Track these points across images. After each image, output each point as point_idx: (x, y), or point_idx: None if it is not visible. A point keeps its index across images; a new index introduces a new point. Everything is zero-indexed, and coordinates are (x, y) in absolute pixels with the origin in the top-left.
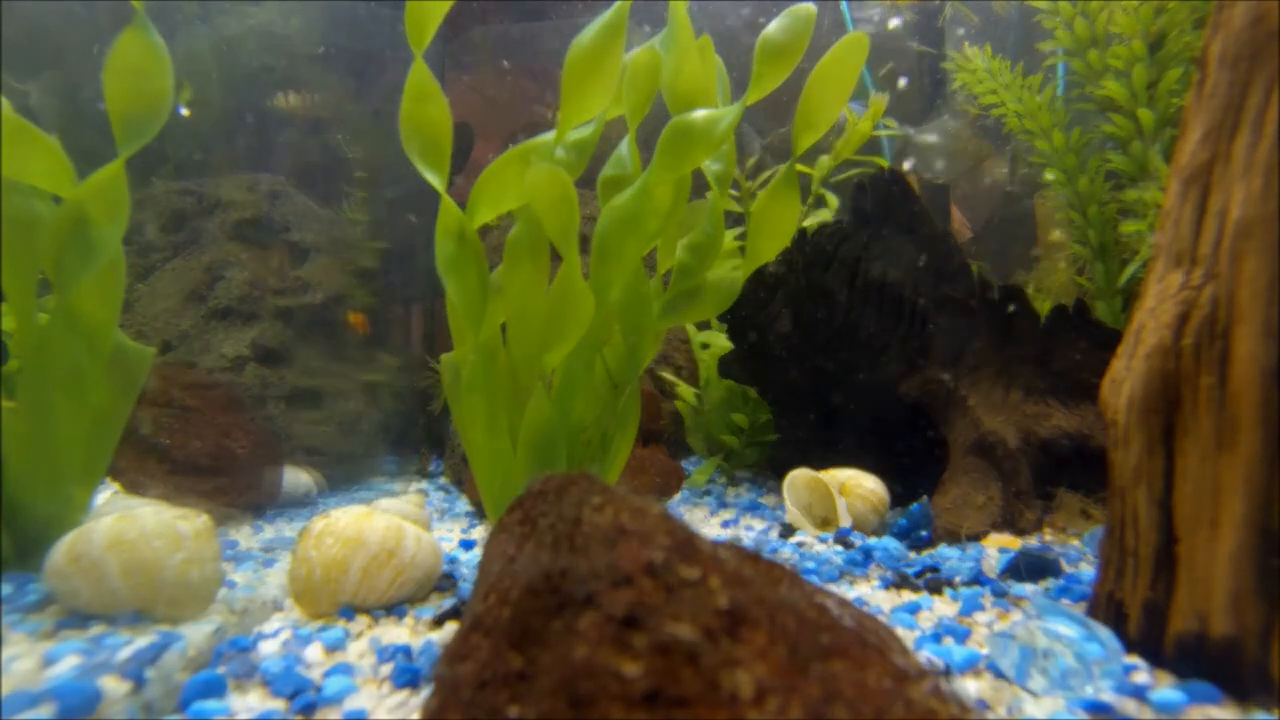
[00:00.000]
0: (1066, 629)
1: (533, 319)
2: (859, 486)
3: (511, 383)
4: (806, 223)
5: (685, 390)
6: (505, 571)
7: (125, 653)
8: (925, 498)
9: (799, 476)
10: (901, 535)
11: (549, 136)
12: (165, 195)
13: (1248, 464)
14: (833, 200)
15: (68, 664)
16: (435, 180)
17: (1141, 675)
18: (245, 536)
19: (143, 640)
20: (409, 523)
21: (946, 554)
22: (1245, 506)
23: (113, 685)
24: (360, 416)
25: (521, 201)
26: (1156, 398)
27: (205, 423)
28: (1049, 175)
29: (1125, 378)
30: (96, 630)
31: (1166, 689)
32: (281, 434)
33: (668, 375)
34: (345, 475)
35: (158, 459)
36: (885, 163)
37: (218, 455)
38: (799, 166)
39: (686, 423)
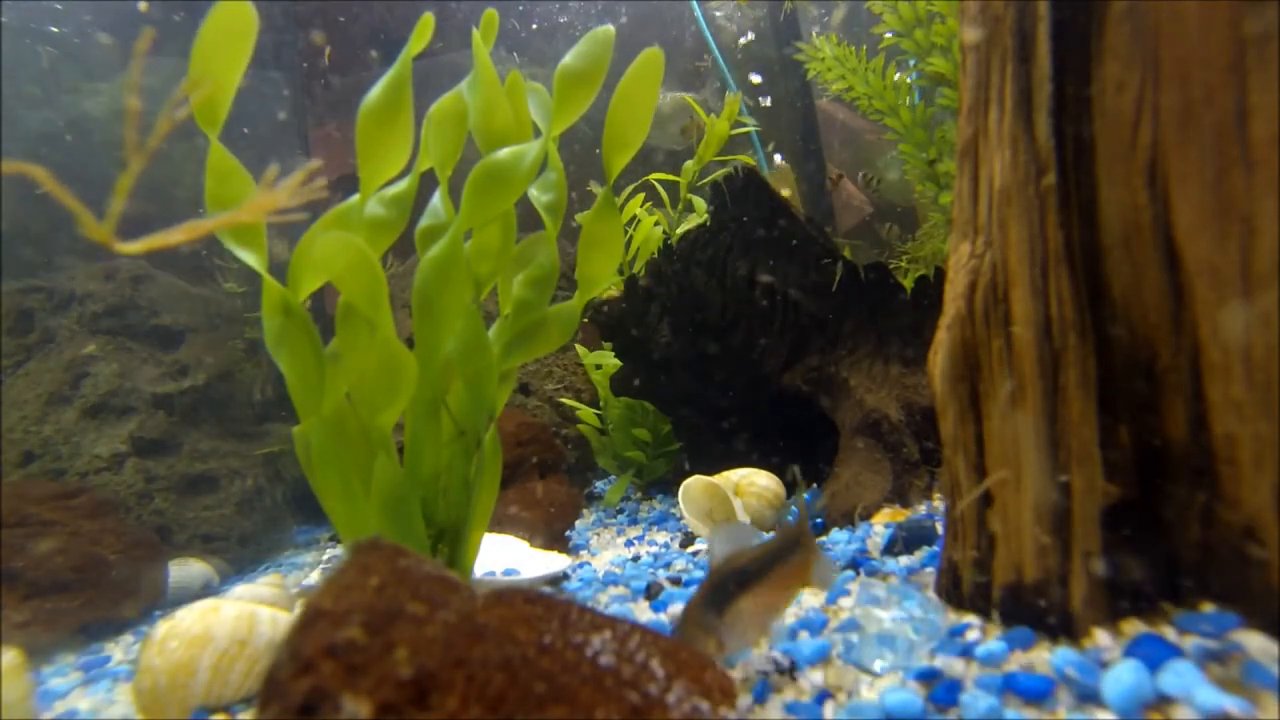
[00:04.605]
0: (908, 605)
1: (371, 384)
2: (752, 485)
3: (365, 446)
4: (678, 229)
5: (586, 413)
6: None
7: None
8: (815, 486)
9: (693, 484)
10: None
11: (357, 199)
12: (8, 295)
13: (1035, 417)
14: (701, 205)
15: None
16: (250, 259)
17: (973, 633)
18: (123, 648)
19: None
20: (265, 606)
21: (836, 538)
22: (1037, 457)
23: None
24: (260, 493)
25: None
26: (961, 366)
27: (68, 535)
28: (902, 149)
29: (937, 349)
30: None
31: (993, 642)
32: (173, 526)
33: (568, 400)
34: (251, 556)
35: (10, 585)
36: (750, 160)
37: (85, 566)
38: (664, 175)
39: (593, 444)
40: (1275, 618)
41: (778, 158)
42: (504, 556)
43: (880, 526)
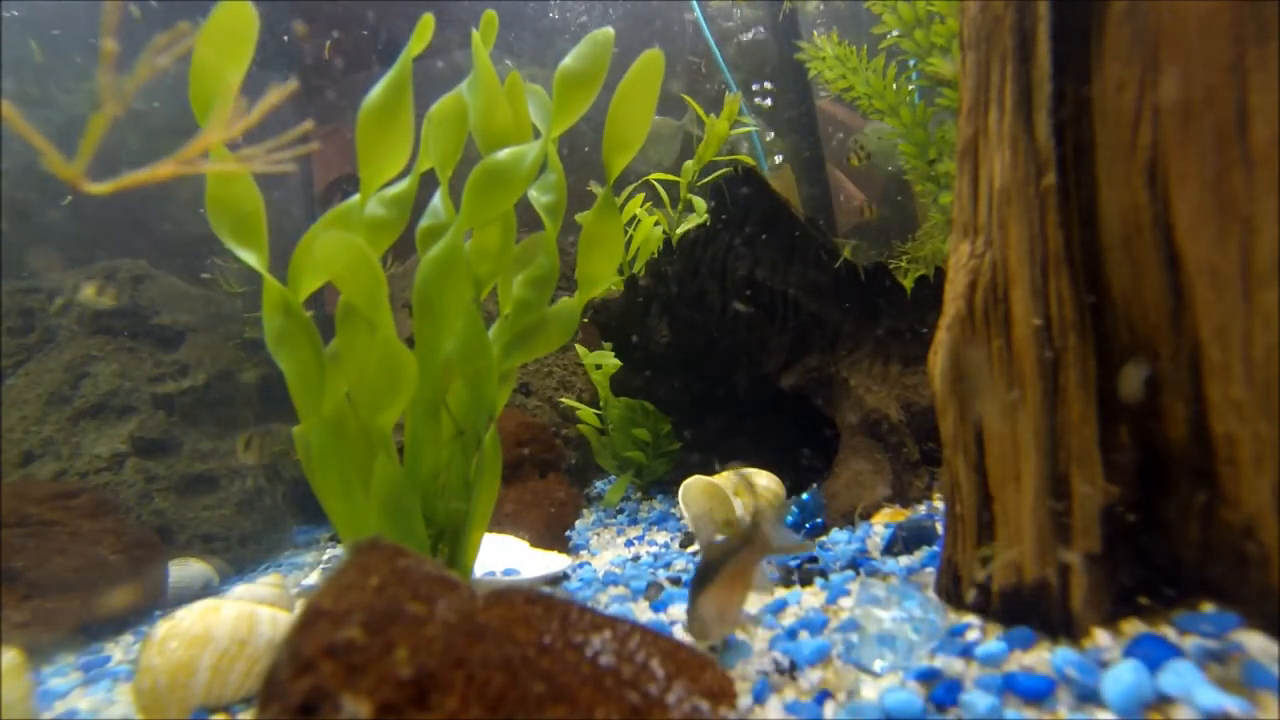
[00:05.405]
0: (908, 605)
1: (371, 384)
2: (752, 485)
3: (365, 446)
4: (679, 229)
5: (586, 413)
6: None
7: None
8: (815, 485)
9: (693, 484)
10: (795, 527)
11: (358, 199)
12: (9, 295)
13: (1034, 417)
14: (701, 204)
15: None
16: (251, 258)
17: (973, 633)
18: (123, 648)
19: None
20: (265, 606)
21: (836, 538)
22: (1037, 457)
23: None
24: (260, 493)
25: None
26: (961, 366)
27: (68, 535)
28: (902, 148)
29: (937, 349)
30: None
31: (993, 642)
32: (173, 526)
33: (569, 400)
34: (251, 556)
35: (10, 585)
36: (750, 160)
37: (85, 567)
38: (665, 175)
39: (593, 444)
40: (1275, 618)
41: (778, 157)
42: (504, 556)
43: (880, 526)
